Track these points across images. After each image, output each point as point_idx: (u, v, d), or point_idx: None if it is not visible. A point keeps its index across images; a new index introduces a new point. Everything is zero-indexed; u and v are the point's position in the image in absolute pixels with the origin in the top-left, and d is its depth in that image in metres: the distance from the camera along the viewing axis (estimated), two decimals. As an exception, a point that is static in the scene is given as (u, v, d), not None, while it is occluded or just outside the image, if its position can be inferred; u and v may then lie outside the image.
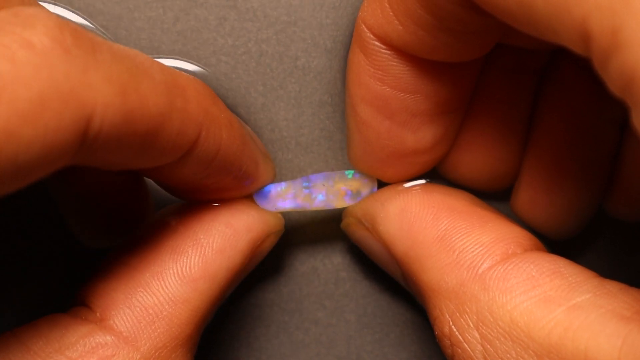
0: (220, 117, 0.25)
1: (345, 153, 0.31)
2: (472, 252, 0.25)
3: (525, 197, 0.30)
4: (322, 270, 0.32)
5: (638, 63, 0.17)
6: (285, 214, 0.29)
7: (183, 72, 0.25)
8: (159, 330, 0.24)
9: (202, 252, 0.26)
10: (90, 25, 0.30)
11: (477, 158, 0.30)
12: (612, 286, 0.23)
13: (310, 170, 0.31)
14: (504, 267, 0.24)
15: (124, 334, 0.24)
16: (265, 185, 0.28)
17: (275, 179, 0.29)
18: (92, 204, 0.28)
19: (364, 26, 0.26)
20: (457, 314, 0.24)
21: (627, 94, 0.18)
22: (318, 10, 0.30)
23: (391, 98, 0.27)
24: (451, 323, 0.24)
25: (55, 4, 0.30)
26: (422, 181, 0.30)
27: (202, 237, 0.26)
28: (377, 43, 0.26)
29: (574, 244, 0.32)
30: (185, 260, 0.25)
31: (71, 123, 0.20)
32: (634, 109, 0.18)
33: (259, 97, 0.31)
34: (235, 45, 0.31)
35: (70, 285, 0.30)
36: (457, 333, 0.24)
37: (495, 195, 0.31)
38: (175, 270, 0.25)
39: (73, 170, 0.25)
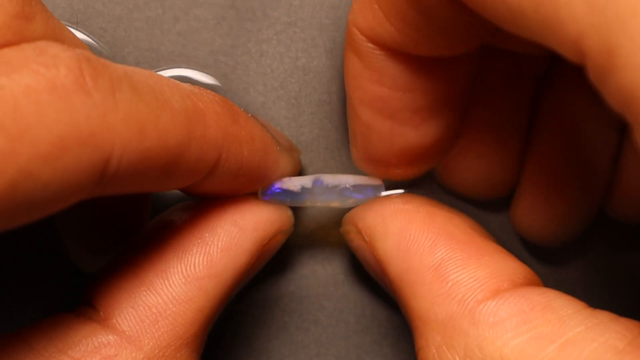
0: (240, 135, 0.25)
1: (343, 152, 0.31)
2: (465, 285, 0.24)
3: (525, 205, 0.30)
4: (322, 273, 0.32)
5: (635, 85, 0.17)
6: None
7: (203, 92, 0.25)
8: (162, 330, 0.24)
9: (207, 251, 0.25)
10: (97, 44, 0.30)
11: (475, 165, 0.30)
12: (604, 316, 0.23)
13: (311, 169, 0.31)
14: (494, 302, 0.24)
15: (127, 333, 0.24)
16: (283, 176, 0.28)
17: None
18: (92, 214, 0.28)
19: (355, 29, 0.26)
20: (444, 347, 0.24)
21: (627, 112, 0.18)
22: (318, 10, 0.31)
23: (390, 98, 0.27)
24: (436, 356, 0.24)
25: (77, 28, 0.30)
26: (401, 191, 0.29)
27: (207, 235, 0.26)
28: (369, 45, 0.26)
29: (573, 245, 0.32)
30: (189, 259, 0.25)
31: (89, 164, 0.20)
32: (635, 127, 0.18)
33: (258, 97, 0.31)
34: (235, 46, 0.31)
35: (78, 285, 0.30)
36: None
37: (494, 206, 0.31)
38: (179, 269, 0.25)
39: None
